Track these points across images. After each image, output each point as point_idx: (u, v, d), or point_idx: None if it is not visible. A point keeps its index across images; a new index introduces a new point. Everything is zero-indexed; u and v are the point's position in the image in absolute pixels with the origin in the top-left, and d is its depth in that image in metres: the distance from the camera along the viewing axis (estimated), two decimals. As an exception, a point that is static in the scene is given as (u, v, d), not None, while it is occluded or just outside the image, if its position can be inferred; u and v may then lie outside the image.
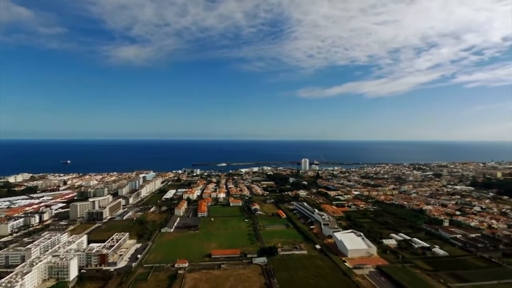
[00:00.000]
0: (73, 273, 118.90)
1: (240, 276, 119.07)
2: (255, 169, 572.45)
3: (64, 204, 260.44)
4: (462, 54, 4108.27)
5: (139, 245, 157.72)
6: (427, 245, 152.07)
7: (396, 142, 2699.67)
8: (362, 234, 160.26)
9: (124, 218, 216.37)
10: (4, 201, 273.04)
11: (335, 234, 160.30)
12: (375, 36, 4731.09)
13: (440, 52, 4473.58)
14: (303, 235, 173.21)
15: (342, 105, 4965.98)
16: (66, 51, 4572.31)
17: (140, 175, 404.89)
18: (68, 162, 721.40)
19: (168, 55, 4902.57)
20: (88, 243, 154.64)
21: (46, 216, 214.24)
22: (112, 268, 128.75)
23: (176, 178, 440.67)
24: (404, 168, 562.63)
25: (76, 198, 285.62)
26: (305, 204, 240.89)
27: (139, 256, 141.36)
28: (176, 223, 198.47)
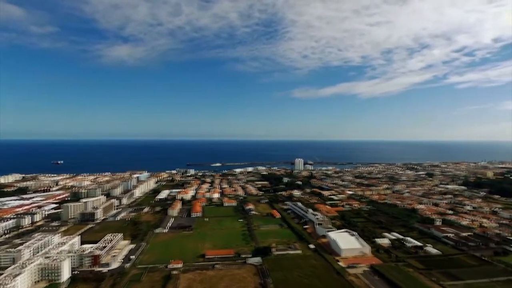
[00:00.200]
0: (65, 274, 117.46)
1: (234, 276, 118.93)
2: (250, 169, 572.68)
3: (56, 205, 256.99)
4: (453, 55, 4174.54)
5: (132, 246, 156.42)
6: (420, 244, 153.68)
7: (390, 142, 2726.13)
8: (355, 233, 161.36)
9: (118, 219, 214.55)
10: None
11: (329, 234, 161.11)
12: (368, 37, 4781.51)
13: (432, 53, 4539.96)
14: (297, 235, 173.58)
15: (336, 105, 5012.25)
16: (58, 51, 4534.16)
17: (134, 176, 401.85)
18: (60, 162, 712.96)
19: (162, 54, 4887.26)
20: (80, 244, 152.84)
21: (37, 217, 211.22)
22: (105, 269, 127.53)
23: (170, 179, 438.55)
24: (397, 168, 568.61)
25: (68, 198, 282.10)
26: (299, 204, 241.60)
27: (132, 257, 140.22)
28: (170, 224, 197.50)
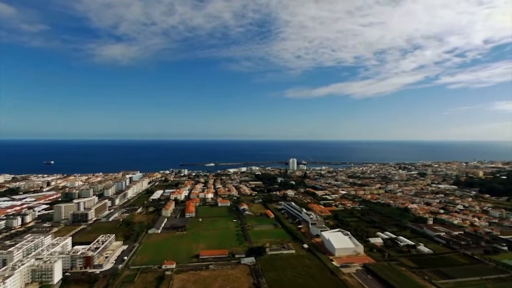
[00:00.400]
0: (57, 276, 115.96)
1: (228, 276, 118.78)
2: (243, 169, 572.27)
3: (48, 205, 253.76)
4: (445, 56, 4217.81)
5: (125, 246, 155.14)
6: (412, 243, 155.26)
7: (383, 142, 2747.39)
8: (349, 233, 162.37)
9: (110, 220, 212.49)
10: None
11: (323, 233, 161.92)
12: (361, 37, 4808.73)
13: (424, 54, 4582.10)
14: (291, 235, 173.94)
15: (330, 105, 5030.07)
16: (50, 49, 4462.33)
17: (127, 176, 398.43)
18: (52, 162, 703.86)
19: (155, 54, 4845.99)
20: (72, 246, 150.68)
21: (28, 218, 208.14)
22: (97, 271, 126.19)
23: (163, 179, 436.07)
24: (390, 168, 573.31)
25: (60, 199, 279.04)
26: (293, 203, 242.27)
27: (125, 258, 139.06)
28: (163, 224, 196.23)
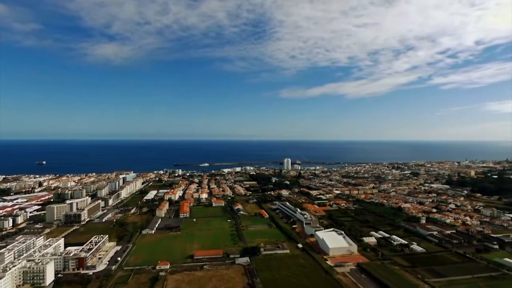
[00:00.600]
0: (49, 277, 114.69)
1: (223, 276, 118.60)
2: (238, 169, 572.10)
3: (40, 206, 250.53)
4: (438, 57, 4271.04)
5: (119, 247, 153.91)
6: (405, 242, 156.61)
7: (376, 142, 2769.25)
8: (343, 232, 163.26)
9: (104, 220, 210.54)
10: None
11: (317, 233, 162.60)
12: (355, 38, 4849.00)
13: (417, 54, 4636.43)
14: (285, 235, 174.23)
15: (324, 105, 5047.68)
16: (43, 49, 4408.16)
17: (120, 176, 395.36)
18: (44, 163, 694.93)
19: (149, 53, 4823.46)
20: (65, 247, 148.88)
21: (20, 219, 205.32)
22: (90, 272, 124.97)
23: (157, 179, 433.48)
24: (384, 168, 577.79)
25: (52, 200, 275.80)
26: (287, 203, 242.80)
27: (119, 258, 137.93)
28: (157, 225, 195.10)
